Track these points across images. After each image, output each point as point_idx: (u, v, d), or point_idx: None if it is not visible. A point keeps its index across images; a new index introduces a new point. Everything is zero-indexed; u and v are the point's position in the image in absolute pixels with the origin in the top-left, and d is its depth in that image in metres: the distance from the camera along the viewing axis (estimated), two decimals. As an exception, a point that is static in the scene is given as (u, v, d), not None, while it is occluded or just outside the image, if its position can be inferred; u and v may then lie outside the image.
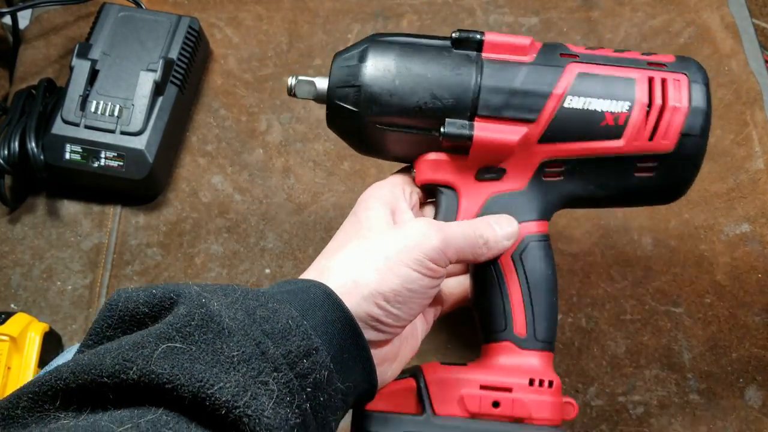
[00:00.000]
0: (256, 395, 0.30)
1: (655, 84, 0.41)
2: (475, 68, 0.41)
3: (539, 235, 0.42)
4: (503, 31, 0.73)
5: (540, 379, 0.40)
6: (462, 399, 0.39)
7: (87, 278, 0.63)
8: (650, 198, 0.44)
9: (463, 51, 0.42)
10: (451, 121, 0.40)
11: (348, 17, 0.74)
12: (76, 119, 0.62)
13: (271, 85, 0.71)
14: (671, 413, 0.57)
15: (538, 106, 0.40)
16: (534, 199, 0.42)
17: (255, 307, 0.33)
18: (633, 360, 0.59)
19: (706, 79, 0.42)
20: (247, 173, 0.67)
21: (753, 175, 0.65)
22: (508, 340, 0.41)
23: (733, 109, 0.68)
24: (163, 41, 0.65)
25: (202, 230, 0.64)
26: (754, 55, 0.71)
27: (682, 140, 0.40)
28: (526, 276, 0.41)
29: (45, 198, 0.66)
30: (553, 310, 0.42)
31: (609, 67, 0.41)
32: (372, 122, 0.41)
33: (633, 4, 0.74)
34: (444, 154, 0.42)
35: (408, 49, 0.42)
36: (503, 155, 0.41)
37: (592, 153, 0.41)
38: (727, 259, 0.62)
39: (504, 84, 0.40)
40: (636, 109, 0.40)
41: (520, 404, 0.39)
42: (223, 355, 0.30)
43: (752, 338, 0.59)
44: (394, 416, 0.38)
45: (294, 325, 0.32)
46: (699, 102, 0.41)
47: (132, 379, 0.29)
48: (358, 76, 0.41)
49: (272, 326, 0.32)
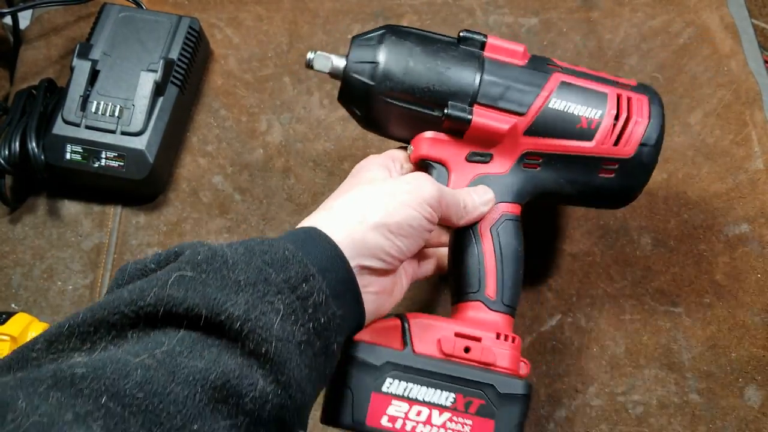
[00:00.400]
0: (265, 312, 0.33)
1: (622, 100, 0.48)
2: (477, 63, 0.48)
3: (514, 215, 0.48)
4: (503, 31, 0.73)
5: (505, 334, 0.46)
6: (439, 341, 0.44)
7: (87, 278, 0.63)
8: (608, 199, 0.51)
9: (468, 48, 0.48)
10: (454, 104, 0.47)
11: (348, 17, 0.74)
12: (76, 119, 0.62)
13: (271, 86, 0.71)
14: (670, 413, 0.57)
15: (528, 102, 0.47)
16: (513, 183, 0.49)
17: (254, 244, 0.36)
18: (632, 360, 0.59)
19: (662, 103, 0.50)
20: (247, 173, 0.67)
21: (752, 175, 0.65)
22: (480, 300, 0.47)
23: (733, 110, 0.68)
24: (164, 42, 0.65)
25: (203, 230, 0.64)
26: (754, 56, 0.71)
27: (640, 148, 0.48)
28: (501, 247, 0.47)
29: (46, 198, 0.66)
30: (519, 281, 0.48)
31: (586, 80, 0.49)
32: (383, 96, 0.47)
33: (632, 4, 0.74)
34: (441, 133, 0.48)
35: (422, 38, 0.48)
36: (493, 141, 0.48)
37: (567, 150, 0.48)
38: (727, 259, 0.62)
39: (502, 79, 0.47)
40: (606, 118, 0.48)
41: (487, 352, 0.44)
42: (230, 280, 0.33)
43: (751, 338, 0.59)
44: (380, 348, 0.43)
45: (290, 256, 0.36)
46: (656, 119, 0.48)
47: (149, 305, 0.31)
48: (377, 54, 0.47)
49: (271, 257, 0.35)
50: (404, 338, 0.44)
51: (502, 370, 0.45)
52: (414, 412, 0.43)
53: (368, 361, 0.43)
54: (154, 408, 0.28)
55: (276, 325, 0.33)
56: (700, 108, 0.68)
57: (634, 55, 0.71)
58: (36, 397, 0.27)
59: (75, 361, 0.30)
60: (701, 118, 0.68)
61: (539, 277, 0.62)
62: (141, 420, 0.28)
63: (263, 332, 0.32)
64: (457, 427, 0.43)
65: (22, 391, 0.27)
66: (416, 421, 0.43)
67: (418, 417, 0.43)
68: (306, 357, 0.35)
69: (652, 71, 0.70)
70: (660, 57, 0.71)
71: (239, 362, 0.31)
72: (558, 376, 0.58)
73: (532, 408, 0.57)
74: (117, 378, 0.28)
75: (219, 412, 0.30)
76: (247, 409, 0.31)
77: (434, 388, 0.43)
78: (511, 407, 0.43)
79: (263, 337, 0.32)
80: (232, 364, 0.31)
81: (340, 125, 0.69)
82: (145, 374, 0.29)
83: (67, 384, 0.28)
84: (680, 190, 0.65)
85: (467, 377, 0.43)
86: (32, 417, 0.25)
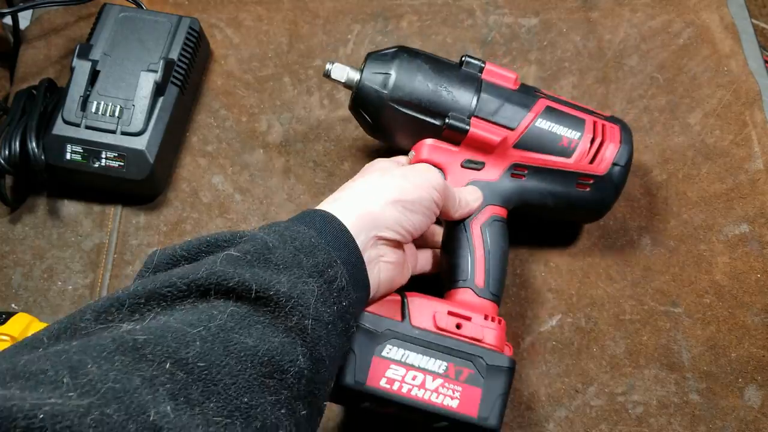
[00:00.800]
0: (304, 291, 0.36)
1: (598, 126, 0.56)
2: (477, 83, 0.56)
3: (501, 217, 0.55)
4: (503, 32, 0.73)
5: (492, 316, 0.51)
6: (434, 317, 0.50)
7: (88, 278, 0.63)
8: (583, 211, 0.58)
9: (469, 70, 0.56)
10: (454, 115, 0.54)
11: (348, 18, 0.74)
12: (76, 120, 0.62)
13: (271, 86, 0.71)
14: (670, 413, 0.57)
15: (518, 119, 0.55)
16: (503, 190, 0.56)
17: (282, 230, 0.40)
18: (632, 360, 0.59)
19: (631, 132, 0.57)
20: (247, 173, 0.67)
21: (752, 175, 0.65)
22: (469, 287, 0.52)
23: (732, 110, 0.68)
24: (164, 42, 0.65)
25: (203, 230, 0.64)
26: (754, 56, 0.71)
27: (612, 167, 0.56)
28: (489, 242, 0.54)
29: (46, 198, 0.66)
30: (503, 275, 0.54)
31: (568, 108, 0.57)
32: (393, 103, 0.54)
33: (632, 4, 0.74)
34: (441, 141, 0.55)
35: (429, 58, 0.56)
36: (486, 150, 0.55)
37: (549, 165, 0.55)
38: (726, 259, 0.62)
39: (496, 98, 0.55)
40: (584, 139, 0.55)
41: (476, 329, 0.50)
42: (271, 263, 0.36)
43: (751, 338, 0.59)
44: (382, 318, 0.48)
45: (316, 242, 0.39)
46: (626, 144, 0.56)
47: (201, 278, 0.33)
48: (390, 67, 0.55)
49: (300, 243, 0.39)
50: (403, 312, 0.49)
51: (489, 346, 0.49)
52: (410, 377, 0.47)
53: (371, 328, 0.48)
54: (212, 378, 0.30)
55: (312, 305, 0.36)
56: (699, 108, 0.68)
57: (634, 56, 0.71)
58: (103, 361, 0.28)
59: (130, 328, 0.31)
60: (701, 118, 0.68)
61: (539, 277, 0.62)
62: (201, 388, 0.30)
63: (305, 310, 0.35)
64: (448, 393, 0.48)
65: (87, 355, 0.28)
66: (412, 385, 0.47)
67: (413, 381, 0.47)
68: (332, 336, 0.38)
69: (652, 71, 0.70)
70: (660, 57, 0.71)
71: (281, 340, 0.34)
72: (558, 376, 0.58)
73: (531, 408, 0.57)
74: (178, 347, 0.30)
75: (266, 386, 0.33)
76: (288, 383, 0.34)
77: (429, 357, 0.48)
78: (496, 378, 0.48)
79: (304, 314, 0.35)
80: (276, 341, 0.34)
81: (340, 125, 0.69)
82: (203, 345, 0.31)
83: (129, 349, 0.29)
84: (680, 190, 0.65)
85: (459, 348, 0.48)
86: (106, 382, 0.27)
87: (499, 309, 0.54)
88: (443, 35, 0.73)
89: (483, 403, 0.47)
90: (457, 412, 0.47)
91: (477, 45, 0.72)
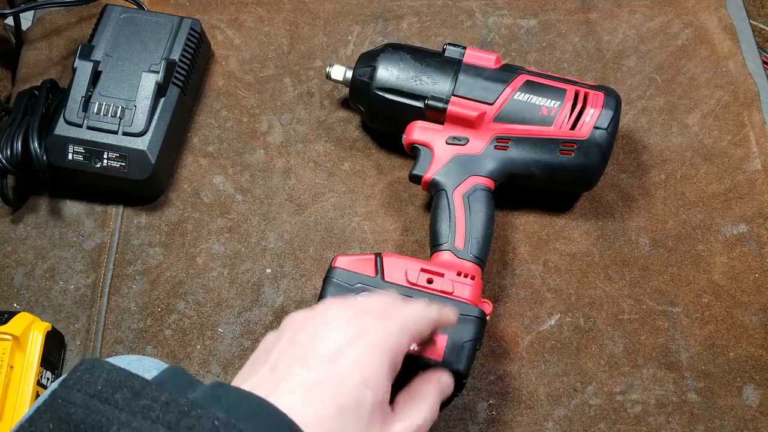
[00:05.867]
0: None
1: (580, 94, 0.58)
2: (456, 66, 0.60)
3: (485, 186, 0.58)
4: (502, 32, 0.73)
5: (465, 273, 0.53)
6: (405, 273, 0.53)
7: (89, 278, 0.63)
8: (571, 177, 0.59)
9: (450, 56, 0.61)
10: (434, 96, 0.59)
11: (348, 19, 0.74)
12: (78, 120, 0.62)
13: (272, 86, 0.71)
14: (669, 412, 0.57)
15: (496, 93, 0.58)
16: (486, 162, 0.59)
17: (179, 416, 0.30)
18: (631, 359, 0.59)
19: (618, 98, 0.59)
20: (248, 174, 0.67)
21: (750, 175, 0.65)
22: (449, 250, 0.55)
23: (731, 110, 0.68)
24: (165, 42, 0.65)
25: (204, 230, 0.65)
26: (752, 57, 0.71)
27: (594, 131, 0.57)
28: (470, 209, 0.57)
29: (48, 198, 0.66)
30: (487, 238, 0.56)
31: (550, 80, 0.59)
32: (378, 92, 0.60)
33: (631, 5, 0.74)
34: (427, 122, 0.60)
35: (413, 49, 0.61)
36: (468, 126, 0.59)
37: (530, 134, 0.58)
38: (725, 259, 0.62)
39: (474, 77, 0.59)
40: (564, 107, 0.58)
41: (447, 284, 0.53)
42: None
43: (749, 338, 0.59)
44: (355, 273, 0.52)
45: (221, 426, 0.29)
46: (609, 108, 0.58)
47: None
48: (375, 61, 0.61)
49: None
50: (376, 269, 0.53)
51: (460, 299, 0.52)
52: None
53: (343, 283, 0.52)
54: None
55: None
56: (698, 109, 0.69)
57: (633, 56, 0.71)
58: None
59: None
60: (699, 118, 0.68)
61: (538, 277, 0.62)
62: None
63: None
64: None
65: None
66: None
67: None
68: None
69: (651, 72, 0.71)
70: (658, 58, 0.71)
71: None
72: (557, 376, 0.59)
73: (530, 407, 0.58)
74: None
75: None
76: None
77: None
78: (464, 326, 0.50)
79: None
80: None
81: (341, 126, 0.69)
82: None
83: None
84: (678, 190, 0.65)
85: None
86: None
87: (483, 270, 0.56)
88: (443, 36, 0.73)
89: (449, 348, 0.49)
90: (421, 355, 0.49)
91: (476, 46, 0.73)
